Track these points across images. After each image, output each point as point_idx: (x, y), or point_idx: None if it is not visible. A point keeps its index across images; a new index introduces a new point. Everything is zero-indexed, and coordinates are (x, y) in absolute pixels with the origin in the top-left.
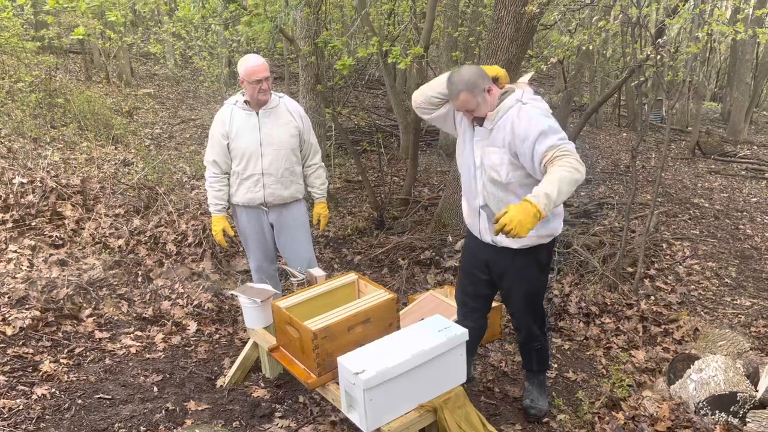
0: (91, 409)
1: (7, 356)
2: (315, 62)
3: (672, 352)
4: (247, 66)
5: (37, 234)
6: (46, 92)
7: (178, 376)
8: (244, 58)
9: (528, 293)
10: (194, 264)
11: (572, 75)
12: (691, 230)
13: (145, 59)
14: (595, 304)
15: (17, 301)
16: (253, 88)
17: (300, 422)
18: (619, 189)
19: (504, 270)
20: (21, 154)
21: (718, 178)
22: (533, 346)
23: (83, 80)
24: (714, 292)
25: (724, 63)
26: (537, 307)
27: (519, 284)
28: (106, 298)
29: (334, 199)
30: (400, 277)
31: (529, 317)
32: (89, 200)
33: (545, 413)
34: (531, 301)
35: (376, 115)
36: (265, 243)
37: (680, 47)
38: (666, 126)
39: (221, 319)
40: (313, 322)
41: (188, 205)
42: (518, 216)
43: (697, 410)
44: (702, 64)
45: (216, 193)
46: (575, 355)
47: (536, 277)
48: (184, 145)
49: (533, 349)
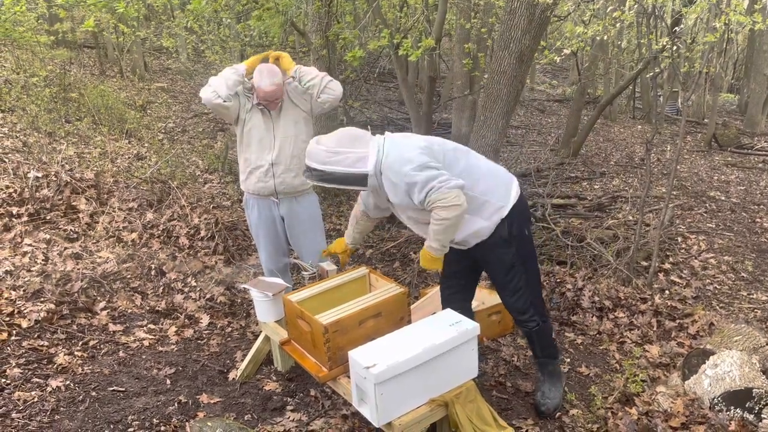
0: (105, 401)
1: (23, 349)
2: (326, 55)
3: (687, 347)
4: (260, 86)
5: (52, 228)
6: (61, 87)
7: (190, 369)
8: (260, 73)
9: (504, 268)
10: (207, 257)
11: (586, 67)
12: (706, 223)
13: (158, 53)
14: (609, 298)
15: (32, 294)
16: (261, 100)
17: (311, 416)
18: (633, 182)
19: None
20: (36, 148)
21: (734, 170)
22: (529, 327)
23: (97, 74)
24: (730, 286)
25: (741, 54)
26: (516, 281)
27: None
28: (119, 291)
29: (346, 192)
30: (412, 270)
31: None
32: (103, 194)
33: (555, 408)
34: (508, 276)
35: (388, 108)
36: (277, 236)
37: (697, 38)
38: (682, 118)
39: (233, 312)
40: (325, 316)
41: (201, 199)
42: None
43: (712, 406)
44: (719, 54)
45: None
46: (588, 349)
47: (505, 251)
48: (197, 139)
49: (531, 330)
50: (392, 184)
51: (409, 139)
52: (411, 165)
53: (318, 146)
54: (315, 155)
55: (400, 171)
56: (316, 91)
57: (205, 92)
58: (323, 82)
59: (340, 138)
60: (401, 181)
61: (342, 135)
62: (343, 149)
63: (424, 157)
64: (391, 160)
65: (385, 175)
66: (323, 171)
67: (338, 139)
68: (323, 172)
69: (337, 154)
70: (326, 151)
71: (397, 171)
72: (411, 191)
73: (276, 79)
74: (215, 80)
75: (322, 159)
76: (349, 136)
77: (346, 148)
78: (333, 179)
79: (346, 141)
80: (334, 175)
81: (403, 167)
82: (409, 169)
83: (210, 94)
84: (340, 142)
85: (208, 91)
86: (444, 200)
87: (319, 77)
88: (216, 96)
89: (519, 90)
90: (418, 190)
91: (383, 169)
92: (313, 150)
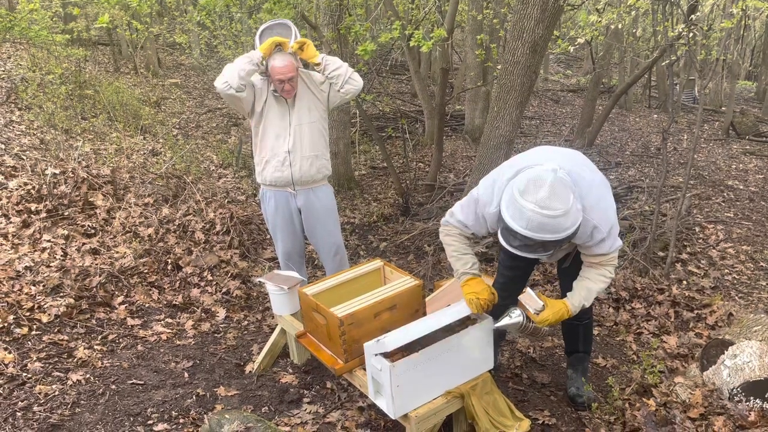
0: (125, 394)
1: (43, 343)
2: (338, 49)
3: (705, 338)
4: (273, 65)
5: (69, 224)
6: (76, 84)
7: (207, 362)
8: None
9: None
10: (222, 252)
11: (600, 56)
12: (725, 213)
13: (171, 50)
14: (625, 289)
15: (52, 290)
16: (276, 84)
17: (328, 408)
18: (649, 172)
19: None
20: (53, 145)
21: (753, 159)
22: (582, 321)
23: (112, 71)
24: (749, 276)
25: (758, 40)
26: None
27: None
28: (137, 285)
29: (359, 185)
30: (426, 263)
31: None
32: (119, 190)
33: (593, 400)
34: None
35: (400, 100)
36: (293, 229)
37: (713, 24)
38: (698, 106)
39: (249, 306)
40: (340, 309)
41: (216, 194)
42: (552, 319)
43: (731, 397)
44: (736, 41)
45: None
46: (605, 340)
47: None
48: (211, 134)
49: (581, 324)
50: (589, 226)
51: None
52: (613, 212)
53: (547, 212)
54: (550, 226)
55: (606, 218)
56: (340, 82)
57: (219, 82)
58: (347, 73)
59: (556, 194)
60: (605, 227)
61: (553, 189)
62: (568, 207)
63: (613, 201)
64: (594, 206)
65: (583, 219)
66: (562, 239)
67: (556, 197)
68: (563, 240)
69: (568, 216)
70: (560, 217)
71: (603, 217)
72: (602, 238)
73: (288, 57)
74: (228, 70)
75: (560, 227)
76: (560, 188)
77: (568, 205)
78: (566, 241)
79: (564, 195)
80: (568, 238)
81: (610, 215)
82: (614, 218)
83: (222, 85)
84: (562, 199)
85: (220, 81)
86: (616, 260)
87: (344, 67)
88: (228, 87)
89: (533, 80)
90: (611, 241)
91: (584, 210)
92: (544, 221)
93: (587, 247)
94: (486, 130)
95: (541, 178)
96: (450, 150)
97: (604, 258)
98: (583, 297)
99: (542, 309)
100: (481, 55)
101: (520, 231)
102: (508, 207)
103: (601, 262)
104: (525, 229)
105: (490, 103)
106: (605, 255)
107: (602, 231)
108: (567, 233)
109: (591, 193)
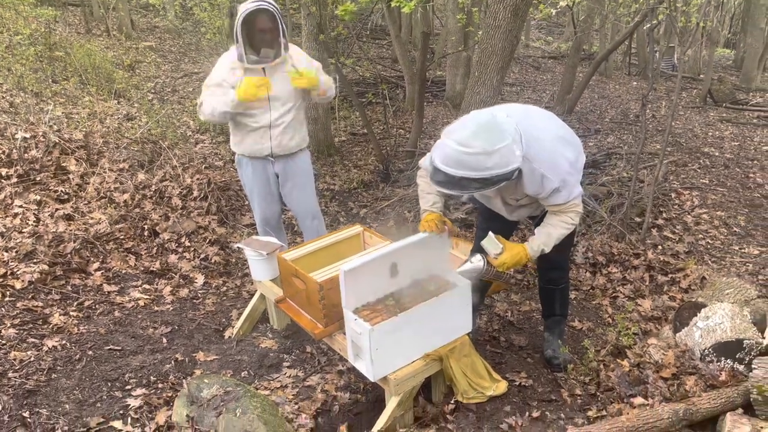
0: (102, 360)
1: (17, 309)
2: (317, 11)
3: (678, 301)
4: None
5: (42, 189)
6: (46, 45)
7: (186, 327)
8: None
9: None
10: (200, 218)
11: (582, 20)
12: (700, 179)
13: (145, 11)
14: (602, 254)
15: (25, 256)
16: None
17: (308, 371)
18: (628, 139)
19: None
20: (23, 108)
21: (729, 126)
22: (559, 285)
23: (83, 33)
24: (722, 241)
25: (737, 8)
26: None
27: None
28: (113, 252)
29: (339, 152)
30: (407, 229)
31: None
32: (93, 155)
33: (569, 362)
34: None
35: (381, 66)
36: (271, 194)
37: None
38: (677, 74)
39: (228, 272)
40: (319, 274)
41: (192, 159)
42: (510, 263)
43: (703, 357)
44: (716, 8)
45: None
46: (581, 304)
47: None
48: (188, 98)
49: (557, 288)
50: (536, 175)
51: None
52: (567, 164)
53: (463, 149)
54: (467, 163)
55: (556, 168)
56: (314, 94)
57: (202, 115)
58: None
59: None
60: (555, 177)
61: (479, 128)
62: (492, 147)
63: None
64: (543, 155)
65: (528, 167)
66: (485, 178)
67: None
68: (486, 180)
69: (491, 155)
70: (479, 155)
71: (552, 166)
72: (554, 188)
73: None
74: (208, 105)
75: (479, 165)
76: (487, 129)
77: (495, 145)
78: (493, 183)
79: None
80: (493, 179)
81: (562, 165)
82: (567, 169)
83: (207, 117)
84: (487, 138)
85: (203, 115)
86: (579, 207)
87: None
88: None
89: (514, 45)
90: (567, 191)
91: (528, 159)
92: (460, 157)
93: (544, 199)
94: (466, 95)
95: (473, 119)
96: (431, 116)
97: (564, 206)
98: (543, 242)
99: (501, 252)
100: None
101: (438, 166)
102: (436, 146)
103: (561, 209)
104: (442, 164)
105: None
106: (564, 204)
107: (552, 180)
108: (489, 173)
109: (539, 144)
